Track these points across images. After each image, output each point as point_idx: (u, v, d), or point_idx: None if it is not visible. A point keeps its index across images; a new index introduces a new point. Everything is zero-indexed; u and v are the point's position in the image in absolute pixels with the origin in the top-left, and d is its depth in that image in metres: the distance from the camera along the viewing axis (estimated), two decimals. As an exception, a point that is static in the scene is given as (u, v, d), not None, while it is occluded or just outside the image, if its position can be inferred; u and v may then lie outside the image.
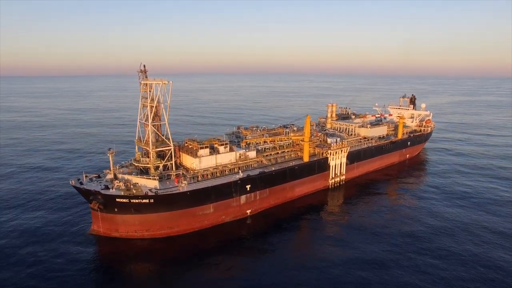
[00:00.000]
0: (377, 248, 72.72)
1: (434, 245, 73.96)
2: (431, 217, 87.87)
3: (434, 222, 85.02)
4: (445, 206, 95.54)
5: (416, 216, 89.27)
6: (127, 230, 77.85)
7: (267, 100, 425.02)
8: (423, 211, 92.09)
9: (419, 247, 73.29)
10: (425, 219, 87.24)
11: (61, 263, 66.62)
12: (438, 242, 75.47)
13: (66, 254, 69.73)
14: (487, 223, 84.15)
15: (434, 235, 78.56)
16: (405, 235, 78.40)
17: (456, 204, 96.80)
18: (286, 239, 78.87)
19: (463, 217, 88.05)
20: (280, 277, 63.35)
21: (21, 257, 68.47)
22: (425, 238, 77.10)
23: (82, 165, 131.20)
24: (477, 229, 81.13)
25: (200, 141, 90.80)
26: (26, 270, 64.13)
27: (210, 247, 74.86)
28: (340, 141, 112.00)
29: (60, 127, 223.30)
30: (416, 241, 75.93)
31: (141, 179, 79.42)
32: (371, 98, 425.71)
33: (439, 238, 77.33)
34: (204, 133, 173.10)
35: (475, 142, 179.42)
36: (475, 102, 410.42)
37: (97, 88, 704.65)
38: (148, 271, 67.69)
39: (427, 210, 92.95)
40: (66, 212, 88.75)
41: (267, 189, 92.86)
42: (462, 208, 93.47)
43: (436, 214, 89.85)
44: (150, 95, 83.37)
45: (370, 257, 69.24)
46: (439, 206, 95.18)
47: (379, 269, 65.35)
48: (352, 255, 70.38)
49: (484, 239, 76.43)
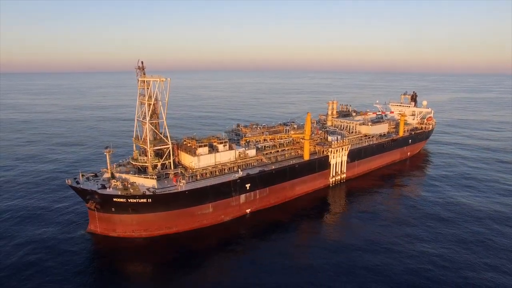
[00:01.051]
0: (378, 250, 71.55)
1: (438, 245, 72.82)
2: (432, 218, 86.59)
3: (435, 223, 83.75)
4: (446, 204, 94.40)
5: (418, 215, 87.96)
6: (124, 230, 76.63)
7: (266, 97, 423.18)
8: (424, 211, 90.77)
9: (420, 248, 72.11)
10: (426, 219, 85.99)
11: (57, 263, 65.34)
12: (441, 241, 74.33)
13: (62, 254, 68.45)
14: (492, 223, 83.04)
15: (437, 234, 77.39)
16: (406, 236, 77.18)
17: (458, 202, 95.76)
18: (286, 239, 77.68)
19: (468, 217, 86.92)
20: (279, 277, 62.21)
21: (17, 257, 67.24)
22: (426, 237, 75.95)
23: (79, 162, 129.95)
24: (484, 232, 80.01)
25: (199, 139, 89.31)
26: (22, 272, 62.95)
27: (209, 247, 73.73)
28: (341, 139, 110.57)
29: (59, 124, 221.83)
30: (417, 241, 74.73)
31: (138, 178, 78.14)
32: (371, 95, 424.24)
33: (441, 237, 76.16)
34: (203, 131, 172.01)
35: (477, 139, 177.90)
36: (476, 99, 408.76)
37: (97, 85, 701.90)
38: (146, 271, 66.73)
39: (428, 210, 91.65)
40: (62, 211, 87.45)
41: (267, 188, 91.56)
42: (465, 206, 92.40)
43: (438, 214, 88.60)
44: (147, 93, 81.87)
45: (371, 261, 68.04)
46: (440, 206, 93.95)
47: (380, 271, 64.24)
48: (352, 255, 69.16)
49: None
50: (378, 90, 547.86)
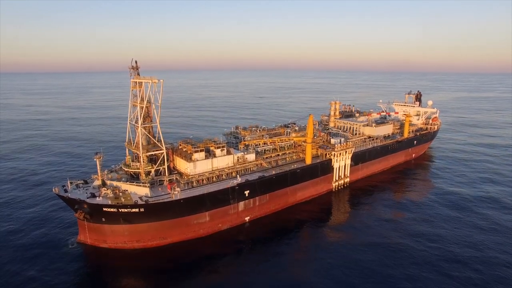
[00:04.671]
0: (382, 261, 66.94)
1: (443, 251, 68.22)
2: (439, 223, 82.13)
3: (442, 230, 79.17)
4: (453, 209, 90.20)
5: (423, 221, 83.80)
6: (115, 241, 72.03)
7: (267, 96, 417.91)
8: (430, 216, 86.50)
9: (425, 256, 67.57)
10: (433, 224, 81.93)
11: (42, 275, 61.43)
12: (450, 248, 69.71)
13: (49, 266, 64.38)
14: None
15: (443, 241, 72.90)
16: (416, 241, 72.78)
17: (464, 206, 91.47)
18: (287, 249, 73.24)
19: (474, 221, 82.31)
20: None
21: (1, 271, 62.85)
22: (433, 240, 71.44)
23: (74, 165, 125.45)
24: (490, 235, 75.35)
25: (195, 144, 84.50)
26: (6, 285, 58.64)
27: (205, 258, 69.38)
28: (345, 141, 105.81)
29: (55, 125, 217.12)
30: (424, 249, 70.18)
31: (130, 186, 73.44)
32: (373, 94, 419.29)
33: (448, 245, 71.55)
34: (200, 133, 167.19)
35: (482, 139, 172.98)
36: (478, 99, 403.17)
37: (96, 85, 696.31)
38: (138, 285, 62.20)
39: (435, 215, 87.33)
40: (52, 218, 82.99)
41: (267, 194, 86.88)
42: (470, 211, 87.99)
43: (445, 219, 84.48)
44: (139, 94, 77.16)
45: (378, 274, 63.50)
46: (446, 211, 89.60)
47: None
48: (359, 270, 64.62)
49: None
50: (377, 89, 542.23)
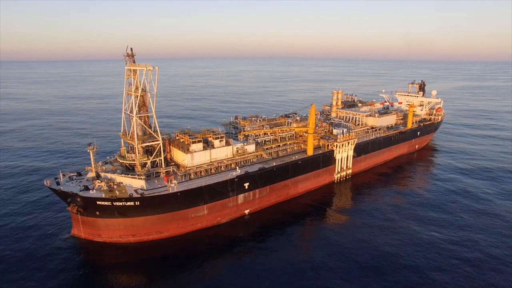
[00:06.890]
0: (387, 252, 64.78)
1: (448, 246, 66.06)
2: (442, 215, 79.92)
3: (446, 219, 77.16)
4: (457, 199, 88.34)
5: (425, 211, 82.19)
6: (110, 235, 69.69)
7: (267, 85, 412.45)
8: (433, 207, 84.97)
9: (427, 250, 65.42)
10: (435, 215, 79.99)
11: (34, 269, 59.74)
12: (451, 233, 67.57)
13: (41, 259, 62.62)
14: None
15: (447, 230, 70.73)
16: (418, 237, 70.59)
17: (468, 197, 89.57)
18: (287, 241, 71.43)
19: (478, 218, 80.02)
20: (279, 283, 57.00)
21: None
22: (440, 235, 69.22)
23: (66, 156, 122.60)
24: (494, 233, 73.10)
25: (193, 134, 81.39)
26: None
27: (203, 252, 67.46)
28: (347, 132, 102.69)
29: (51, 114, 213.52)
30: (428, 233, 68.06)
31: (125, 178, 70.67)
32: (375, 83, 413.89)
33: (452, 238, 69.38)
34: (198, 123, 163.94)
35: (486, 130, 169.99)
36: (482, 88, 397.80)
37: (95, 73, 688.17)
38: (134, 280, 60.13)
39: (438, 205, 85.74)
40: (45, 210, 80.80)
41: (267, 186, 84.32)
42: (475, 202, 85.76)
43: (448, 209, 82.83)
44: (134, 83, 73.63)
45: (379, 267, 61.40)
46: (450, 201, 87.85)
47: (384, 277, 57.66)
48: (360, 262, 62.57)
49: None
50: (379, 78, 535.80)
